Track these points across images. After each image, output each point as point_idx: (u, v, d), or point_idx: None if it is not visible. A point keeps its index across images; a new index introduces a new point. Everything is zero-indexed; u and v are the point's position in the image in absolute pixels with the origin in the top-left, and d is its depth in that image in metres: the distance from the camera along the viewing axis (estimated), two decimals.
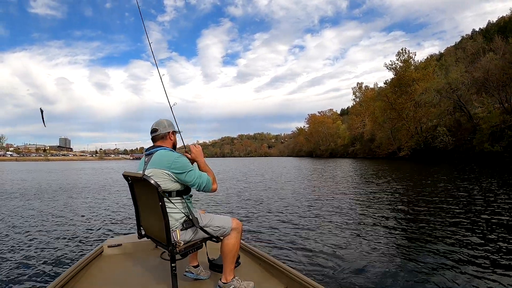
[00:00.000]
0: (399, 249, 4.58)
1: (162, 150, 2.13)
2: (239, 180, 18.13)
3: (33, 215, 7.72)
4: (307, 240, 5.14)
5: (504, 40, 40.12)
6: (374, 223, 6.26)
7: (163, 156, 2.08)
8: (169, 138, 2.25)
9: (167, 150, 2.15)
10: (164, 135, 2.22)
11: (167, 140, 2.24)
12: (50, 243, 5.19)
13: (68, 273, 2.33)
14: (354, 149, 74.71)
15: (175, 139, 2.32)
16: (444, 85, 38.61)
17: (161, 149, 2.15)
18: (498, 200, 8.17)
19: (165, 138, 2.23)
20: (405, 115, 49.05)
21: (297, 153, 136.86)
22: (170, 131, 2.24)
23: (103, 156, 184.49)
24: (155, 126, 2.22)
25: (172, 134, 2.27)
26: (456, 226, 5.72)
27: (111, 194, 12.06)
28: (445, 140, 38.74)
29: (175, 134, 2.32)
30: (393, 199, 9.17)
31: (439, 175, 16.44)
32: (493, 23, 68.28)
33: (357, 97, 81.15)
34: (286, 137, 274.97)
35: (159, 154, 2.10)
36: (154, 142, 2.24)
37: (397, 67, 50.71)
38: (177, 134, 2.38)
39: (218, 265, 2.49)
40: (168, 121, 2.29)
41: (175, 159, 2.05)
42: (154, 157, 2.10)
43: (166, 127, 2.23)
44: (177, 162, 2.05)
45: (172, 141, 2.27)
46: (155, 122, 2.25)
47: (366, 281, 3.50)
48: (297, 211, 7.70)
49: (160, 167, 2.04)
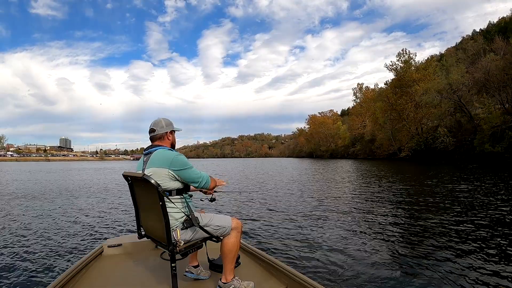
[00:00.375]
0: (399, 250, 4.55)
1: (160, 149, 2.13)
2: (240, 181, 18.04)
3: (33, 215, 7.70)
4: (307, 240, 5.11)
5: (504, 40, 40.09)
6: (375, 223, 6.23)
7: (162, 155, 2.08)
8: (167, 138, 2.25)
9: (165, 149, 2.15)
10: (161, 135, 2.22)
11: (165, 140, 2.24)
12: (50, 243, 5.17)
13: (68, 273, 2.33)
14: (355, 150, 74.70)
15: (173, 138, 2.30)
16: (445, 86, 38.55)
17: (159, 148, 2.15)
18: (500, 201, 8.11)
19: (163, 139, 2.23)
20: (405, 116, 49.01)
21: (297, 154, 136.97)
22: (167, 131, 2.24)
23: (103, 156, 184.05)
24: (152, 126, 2.22)
25: (170, 133, 2.26)
26: (458, 227, 5.69)
27: (111, 194, 11.99)
28: (445, 141, 38.70)
29: (173, 133, 2.31)
30: (393, 200, 9.12)
31: (440, 176, 16.38)
32: (493, 24, 68.13)
33: (357, 98, 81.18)
34: (286, 138, 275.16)
35: (158, 153, 2.10)
36: (152, 142, 2.24)
37: (397, 67, 50.72)
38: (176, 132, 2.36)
39: (218, 265, 2.49)
40: (166, 120, 2.28)
41: (174, 157, 2.06)
42: (153, 157, 2.10)
43: (164, 127, 2.23)
44: (177, 159, 2.05)
45: (170, 140, 2.27)
46: (153, 122, 2.25)
47: (366, 281, 3.48)
48: (298, 211, 7.67)
49: (159, 165, 2.04)
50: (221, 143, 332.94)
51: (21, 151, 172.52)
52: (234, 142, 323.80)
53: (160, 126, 2.21)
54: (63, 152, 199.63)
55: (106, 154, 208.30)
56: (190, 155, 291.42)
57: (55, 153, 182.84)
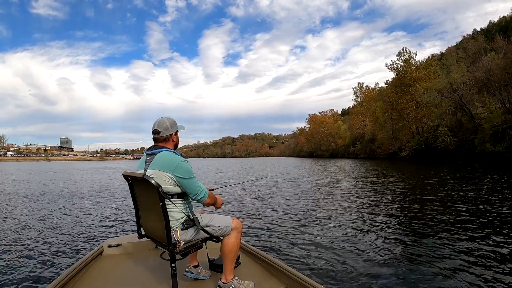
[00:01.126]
0: (400, 250, 4.53)
1: (165, 152, 2.08)
2: (239, 181, 18.01)
3: (33, 216, 7.67)
4: (307, 240, 5.09)
5: (505, 39, 39.98)
6: (375, 223, 6.20)
7: (167, 159, 2.04)
8: (172, 139, 2.20)
9: (170, 152, 2.09)
10: (166, 137, 2.16)
11: (169, 142, 2.19)
12: (50, 243, 5.15)
13: (68, 273, 2.32)
14: (355, 150, 74.63)
15: (177, 139, 2.25)
16: (446, 85, 38.45)
17: (164, 150, 2.10)
18: (502, 201, 8.07)
19: (167, 140, 2.18)
20: (406, 115, 48.90)
21: (298, 154, 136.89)
22: (172, 133, 2.18)
23: (103, 156, 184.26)
24: (156, 127, 2.14)
25: (174, 135, 2.21)
26: (459, 226, 5.66)
27: (111, 194, 11.95)
28: (446, 141, 38.60)
29: (177, 133, 2.26)
30: (394, 200, 9.07)
31: (441, 176, 16.30)
32: (494, 23, 67.98)
33: (358, 97, 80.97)
34: (287, 137, 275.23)
35: (163, 155, 2.06)
36: (155, 143, 2.18)
37: (398, 67, 50.59)
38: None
39: (218, 265, 2.49)
40: (171, 120, 2.20)
41: (179, 163, 2.02)
42: (156, 158, 2.06)
43: (168, 128, 2.16)
44: (181, 166, 2.01)
45: (174, 142, 2.22)
46: (156, 122, 2.18)
47: (366, 281, 3.47)
48: (298, 212, 7.63)
49: (163, 169, 2.00)
50: (221, 142, 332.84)
51: (22, 151, 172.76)
52: (234, 142, 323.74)
53: (165, 127, 2.14)
54: (64, 152, 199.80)
55: (106, 154, 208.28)
56: (190, 155, 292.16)
57: (56, 153, 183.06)
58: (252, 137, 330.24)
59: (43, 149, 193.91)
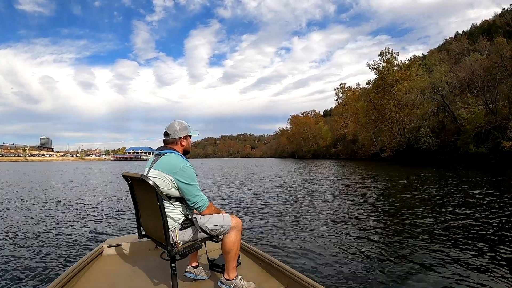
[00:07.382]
0: (399, 250, 4.53)
1: (172, 154, 2.10)
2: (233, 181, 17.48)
3: (32, 216, 7.61)
4: (307, 240, 5.09)
5: (489, 40, 39.59)
6: (376, 223, 6.24)
7: (172, 161, 2.05)
8: (180, 143, 2.21)
9: (176, 154, 2.11)
10: (174, 140, 2.18)
11: (177, 145, 2.20)
12: (50, 243, 5.13)
13: (68, 273, 2.30)
14: (337, 150, 73.69)
15: (187, 144, 2.25)
16: (428, 85, 37.83)
17: (170, 152, 2.11)
18: (485, 202, 8.00)
19: (176, 143, 2.19)
20: (387, 116, 48.23)
21: (279, 154, 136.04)
22: (181, 136, 2.19)
23: (83, 156, 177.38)
24: (166, 130, 2.18)
25: (184, 139, 2.21)
26: (446, 226, 5.73)
27: (111, 195, 11.92)
28: (428, 141, 37.82)
29: (188, 138, 2.25)
30: (393, 200, 9.07)
31: (421, 177, 16.14)
32: (476, 26, 68.55)
33: (339, 98, 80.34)
34: (269, 138, 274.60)
35: (168, 157, 2.08)
36: (164, 144, 2.20)
37: (380, 67, 49.68)
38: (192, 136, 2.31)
39: (218, 265, 2.48)
40: (182, 123, 2.22)
41: (182, 167, 2.02)
42: (162, 159, 2.08)
43: (178, 132, 2.18)
44: (184, 170, 2.02)
45: (183, 146, 2.22)
46: (168, 124, 2.21)
47: (366, 281, 3.45)
48: (298, 212, 7.61)
49: (165, 170, 2.01)
50: (203, 143, 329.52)
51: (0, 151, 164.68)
52: (216, 142, 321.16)
53: (174, 130, 2.17)
54: (42, 152, 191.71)
55: (87, 154, 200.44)
56: None
57: (34, 153, 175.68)
58: (234, 138, 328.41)
59: (22, 149, 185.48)
